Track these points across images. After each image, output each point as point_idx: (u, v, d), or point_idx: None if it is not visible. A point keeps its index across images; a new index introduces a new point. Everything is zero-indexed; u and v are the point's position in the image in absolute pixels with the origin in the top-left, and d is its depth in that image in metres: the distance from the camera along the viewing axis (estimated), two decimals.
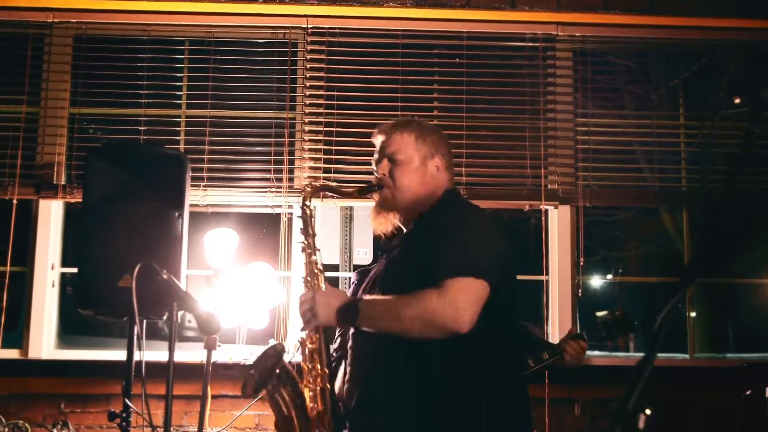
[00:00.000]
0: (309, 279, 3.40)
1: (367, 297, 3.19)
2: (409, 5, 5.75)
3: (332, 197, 5.24)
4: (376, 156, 3.45)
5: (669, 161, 5.90)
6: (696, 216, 6.09)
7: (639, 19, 5.83)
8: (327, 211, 5.60)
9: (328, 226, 5.52)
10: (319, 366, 3.28)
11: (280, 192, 5.55)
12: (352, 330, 3.30)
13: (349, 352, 3.32)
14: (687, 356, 5.83)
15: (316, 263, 3.44)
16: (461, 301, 2.98)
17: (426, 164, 3.36)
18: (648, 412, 1.73)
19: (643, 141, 5.94)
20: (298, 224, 3.68)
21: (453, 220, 3.21)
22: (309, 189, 3.60)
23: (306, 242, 3.47)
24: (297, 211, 5.39)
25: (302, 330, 3.34)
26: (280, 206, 5.57)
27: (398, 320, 3.04)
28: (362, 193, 3.50)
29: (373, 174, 3.52)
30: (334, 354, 3.44)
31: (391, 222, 3.41)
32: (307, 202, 3.53)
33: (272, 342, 5.12)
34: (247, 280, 5.12)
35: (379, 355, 3.16)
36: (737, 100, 2.31)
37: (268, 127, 5.67)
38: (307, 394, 3.30)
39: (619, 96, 6.60)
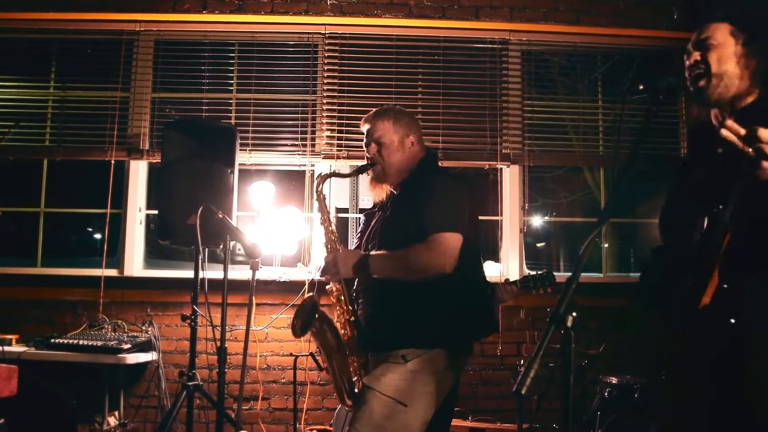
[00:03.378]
0: (328, 244, 3.46)
1: (373, 253, 3.22)
2: (401, 17, 5.78)
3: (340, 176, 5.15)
4: (365, 140, 3.47)
5: (590, 132, 5.90)
6: (609, 173, 6.14)
7: (569, 29, 5.86)
8: (340, 168, 5.63)
9: (341, 180, 5.55)
10: (344, 305, 3.37)
11: (305, 154, 5.60)
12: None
13: (360, 290, 3.39)
14: (602, 275, 5.92)
15: (333, 232, 3.49)
16: (444, 250, 3.07)
17: (404, 142, 3.38)
18: (574, 314, 1.79)
19: (571, 117, 5.93)
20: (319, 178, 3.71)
21: (431, 186, 3.23)
22: (319, 179, 3.58)
23: (322, 218, 3.50)
24: (318, 169, 5.51)
25: (329, 281, 3.40)
26: (304, 165, 5.63)
27: (400, 270, 3.12)
28: (359, 172, 3.51)
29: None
30: (354, 295, 3.46)
31: (384, 190, 3.46)
32: (318, 188, 3.55)
33: (300, 266, 5.26)
34: (280, 219, 5.20)
35: (378, 288, 3.24)
36: (641, 87, 2.36)
37: (296, 106, 5.70)
38: (339, 326, 3.40)
39: (554, 84, 6.64)
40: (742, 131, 1.91)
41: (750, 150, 1.89)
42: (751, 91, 2.36)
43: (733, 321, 2.07)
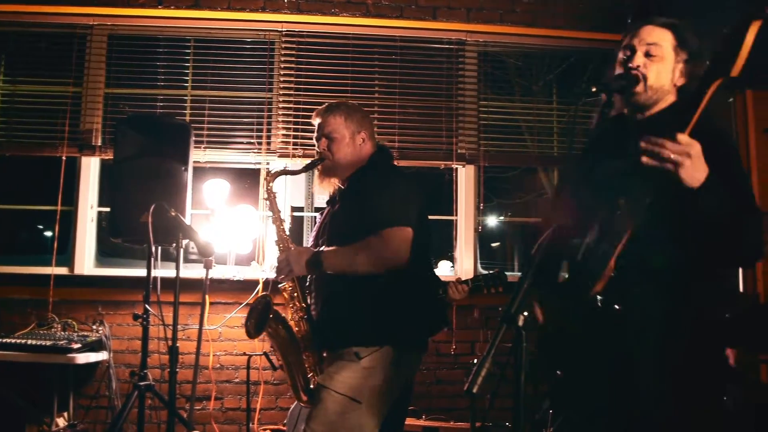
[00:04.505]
0: (280, 243, 3.47)
1: (325, 249, 3.22)
2: (358, 15, 5.78)
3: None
4: (315, 134, 3.46)
5: (545, 133, 5.98)
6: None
7: (525, 30, 5.90)
8: (295, 166, 5.61)
9: (296, 177, 5.54)
10: (298, 302, 3.39)
11: (260, 152, 5.57)
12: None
13: (313, 287, 3.40)
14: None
15: (284, 231, 3.50)
16: (397, 244, 3.09)
17: (354, 138, 3.39)
18: (525, 314, 1.80)
19: (526, 118, 6.00)
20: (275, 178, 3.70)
21: (381, 182, 3.26)
22: (268, 177, 3.58)
23: (274, 216, 3.51)
24: (272, 167, 5.47)
25: (281, 281, 3.40)
26: (260, 163, 5.59)
27: (352, 264, 3.13)
28: (309, 168, 3.53)
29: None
30: (307, 292, 3.47)
31: (333, 184, 3.44)
32: (268, 186, 3.57)
33: (254, 264, 5.23)
34: (235, 217, 5.19)
35: (331, 285, 3.25)
36: (594, 89, 2.38)
37: (252, 104, 5.67)
38: (293, 324, 3.41)
39: (510, 85, 6.69)
40: (664, 139, 1.94)
41: (674, 155, 1.93)
42: (669, 99, 2.40)
43: (617, 307, 2.12)
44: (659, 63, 2.39)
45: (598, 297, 2.13)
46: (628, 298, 2.13)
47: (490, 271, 3.93)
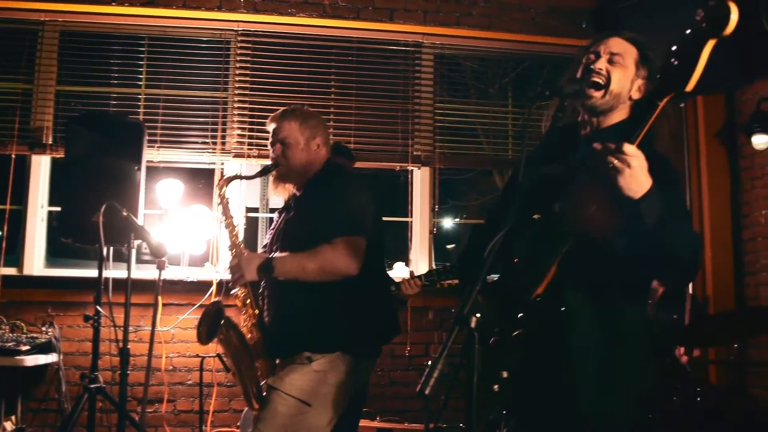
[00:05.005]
0: (233, 248, 3.45)
1: (277, 255, 3.19)
2: (315, 16, 5.77)
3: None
4: (270, 139, 3.43)
5: (500, 136, 6.03)
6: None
7: (481, 34, 5.95)
8: (250, 167, 5.59)
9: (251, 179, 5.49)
10: (250, 309, 3.36)
11: (215, 152, 5.54)
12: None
13: (266, 293, 3.37)
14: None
15: (236, 235, 3.48)
16: (348, 253, 3.07)
17: (309, 144, 3.36)
18: (478, 315, 1.80)
19: (482, 121, 6.05)
20: (229, 174, 3.68)
21: (336, 189, 3.25)
22: (222, 182, 3.55)
23: (227, 221, 3.47)
24: (227, 168, 5.45)
25: (233, 287, 3.37)
26: (214, 163, 5.56)
27: (304, 272, 3.11)
28: (263, 174, 3.49)
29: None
30: (260, 298, 3.46)
31: (287, 190, 3.43)
32: (221, 192, 3.54)
33: (208, 265, 5.20)
34: (189, 218, 5.15)
35: (283, 291, 3.23)
36: (547, 93, 2.39)
37: (207, 103, 5.63)
38: (245, 329, 3.40)
39: (466, 88, 6.73)
40: (612, 146, 1.97)
41: (616, 161, 1.96)
42: (622, 115, 2.43)
43: (563, 309, 2.15)
44: (622, 70, 2.41)
45: (539, 299, 2.15)
46: (570, 301, 2.15)
47: (443, 264, 3.96)
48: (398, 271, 5.58)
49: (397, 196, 5.94)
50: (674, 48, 2.06)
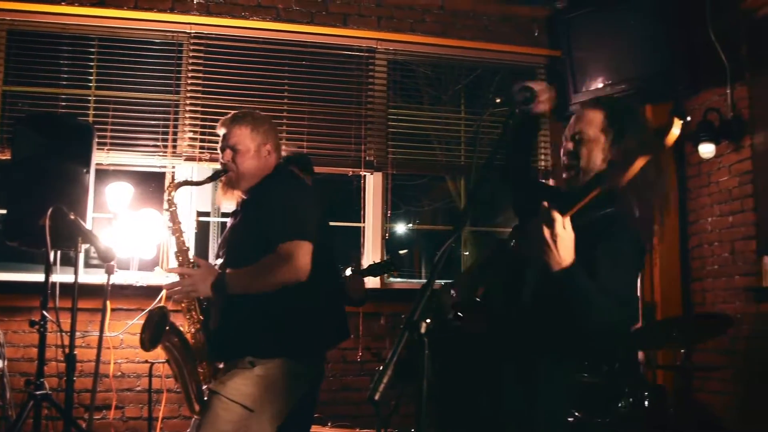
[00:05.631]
0: (179, 255, 3.42)
1: (230, 271, 3.14)
2: (269, 20, 5.76)
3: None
4: (220, 144, 3.39)
5: (453, 142, 6.07)
6: (469, 182, 6.32)
7: (435, 40, 6.00)
8: (202, 170, 5.55)
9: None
10: (195, 314, 3.34)
11: (166, 156, 5.49)
12: None
13: (212, 300, 3.31)
14: None
15: (184, 242, 3.46)
16: (293, 259, 3.03)
17: (260, 150, 3.34)
18: (428, 321, 1.81)
19: (435, 127, 6.09)
20: (179, 178, 3.64)
21: (278, 196, 3.22)
22: (170, 187, 3.50)
23: (174, 227, 3.46)
24: (178, 171, 5.40)
25: (183, 299, 3.31)
26: (165, 167, 5.51)
27: (253, 287, 3.08)
28: (212, 179, 3.49)
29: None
30: (204, 303, 3.42)
31: (236, 196, 3.39)
32: (169, 197, 3.50)
33: (158, 270, 5.15)
34: (139, 221, 5.09)
35: (228, 299, 3.17)
36: (498, 100, 2.44)
37: (158, 106, 5.57)
38: (189, 336, 3.37)
39: (420, 94, 6.77)
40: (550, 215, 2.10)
41: (545, 234, 2.09)
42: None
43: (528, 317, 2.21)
44: (588, 145, 2.48)
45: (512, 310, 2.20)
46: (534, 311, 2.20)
47: (384, 259, 3.99)
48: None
49: (350, 201, 5.94)
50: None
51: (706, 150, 5.53)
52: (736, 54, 5.43)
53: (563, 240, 2.08)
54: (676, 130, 2.08)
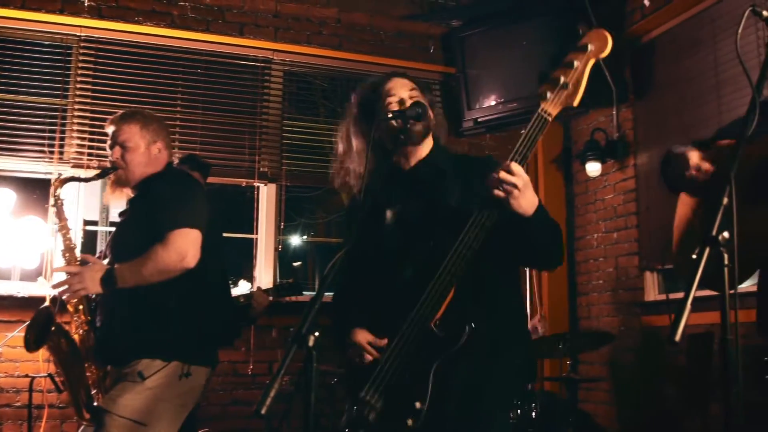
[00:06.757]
0: (66, 252, 3.35)
1: (118, 266, 3.10)
2: (163, 26, 5.67)
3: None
4: (109, 142, 3.35)
5: None
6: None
7: (331, 53, 6.05)
8: (86, 174, 5.41)
9: (90, 187, 5.31)
10: (83, 315, 3.29)
11: (52, 162, 5.31)
12: None
13: (98, 298, 3.27)
14: None
15: (70, 240, 3.39)
16: (181, 245, 3.01)
17: (150, 148, 3.31)
18: (317, 334, 1.81)
19: (330, 140, 6.11)
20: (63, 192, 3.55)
21: (168, 189, 3.22)
22: (57, 182, 3.45)
23: (61, 224, 3.39)
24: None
25: (72, 299, 3.26)
26: (51, 173, 5.32)
27: (143, 277, 3.03)
28: (101, 176, 3.43)
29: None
30: (93, 304, 3.36)
31: (125, 195, 3.36)
32: (56, 193, 3.44)
33: (41, 280, 4.98)
34: (21, 229, 4.93)
35: (116, 296, 3.11)
36: (390, 114, 2.46)
37: (45, 110, 5.40)
38: (77, 337, 3.29)
39: (316, 106, 6.79)
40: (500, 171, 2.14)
41: (506, 185, 2.12)
42: (426, 149, 2.57)
43: (468, 326, 2.24)
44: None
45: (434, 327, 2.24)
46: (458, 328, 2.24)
47: (288, 280, 4.01)
48: (243, 289, 5.55)
49: (243, 212, 5.89)
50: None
51: (593, 168, 5.75)
52: (622, 77, 5.68)
53: (523, 179, 2.13)
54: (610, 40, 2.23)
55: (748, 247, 1.87)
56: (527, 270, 5.67)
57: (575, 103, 2.23)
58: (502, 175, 2.12)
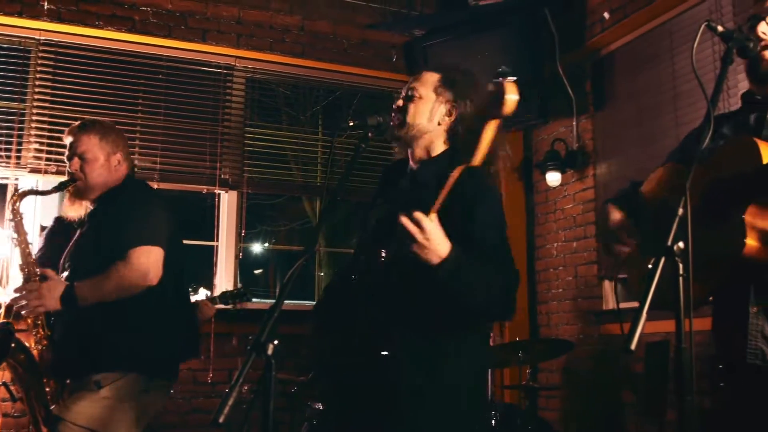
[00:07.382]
0: (25, 267, 3.31)
1: (78, 283, 3.06)
2: (124, 31, 5.62)
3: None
4: (67, 153, 3.33)
5: (310, 163, 6.13)
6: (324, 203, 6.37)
7: (294, 60, 6.03)
8: (47, 183, 5.33)
9: (49, 197, 5.24)
10: (42, 330, 3.27)
11: (8, 167, 5.23)
12: None
13: (58, 314, 3.21)
14: (314, 302, 6.07)
15: (30, 254, 3.36)
16: (143, 263, 3.01)
17: (110, 160, 3.30)
18: (276, 342, 1.83)
19: (292, 147, 6.13)
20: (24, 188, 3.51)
21: (129, 204, 3.20)
22: (15, 196, 3.42)
23: (19, 239, 3.35)
24: (22, 184, 5.18)
25: (30, 315, 3.22)
26: (8, 178, 5.24)
27: (103, 295, 3.01)
28: (59, 189, 3.40)
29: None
30: (52, 319, 3.32)
31: (84, 207, 3.34)
32: (14, 207, 3.41)
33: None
34: None
35: (75, 312, 3.08)
36: (351, 123, 2.48)
37: (2, 114, 5.31)
38: (36, 352, 3.26)
39: (278, 114, 6.79)
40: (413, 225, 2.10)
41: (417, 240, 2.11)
42: (441, 144, 2.56)
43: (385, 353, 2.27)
44: (417, 103, 2.53)
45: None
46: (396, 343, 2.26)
47: (236, 288, 4.00)
48: (201, 297, 5.51)
49: (204, 219, 5.86)
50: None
51: (553, 178, 5.81)
52: (582, 88, 5.76)
53: (435, 234, 2.10)
54: (512, 96, 1.97)
55: (700, 274, 1.86)
56: None
57: (473, 163, 2.12)
58: (404, 221, 2.10)
